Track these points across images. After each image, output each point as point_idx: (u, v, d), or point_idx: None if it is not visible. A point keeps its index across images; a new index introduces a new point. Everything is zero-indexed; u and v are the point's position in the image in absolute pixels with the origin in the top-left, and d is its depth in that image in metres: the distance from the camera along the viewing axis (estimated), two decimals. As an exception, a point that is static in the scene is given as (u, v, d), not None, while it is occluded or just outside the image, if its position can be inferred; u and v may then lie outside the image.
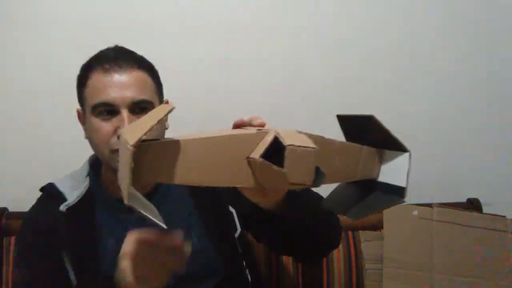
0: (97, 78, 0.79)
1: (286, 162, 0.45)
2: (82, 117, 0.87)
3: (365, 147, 0.59)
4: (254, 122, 0.57)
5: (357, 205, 0.60)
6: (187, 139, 0.47)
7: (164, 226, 0.46)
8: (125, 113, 0.77)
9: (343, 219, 1.29)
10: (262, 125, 0.56)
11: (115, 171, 0.77)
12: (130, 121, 0.76)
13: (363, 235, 1.26)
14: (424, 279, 1.19)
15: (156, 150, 0.45)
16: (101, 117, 0.79)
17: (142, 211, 0.44)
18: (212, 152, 0.47)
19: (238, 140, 0.49)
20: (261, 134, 0.49)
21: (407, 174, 0.58)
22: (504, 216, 1.25)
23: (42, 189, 0.92)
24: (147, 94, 0.80)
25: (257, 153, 0.47)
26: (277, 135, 0.47)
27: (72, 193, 0.86)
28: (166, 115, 0.47)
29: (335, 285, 1.22)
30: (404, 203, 1.23)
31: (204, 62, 1.31)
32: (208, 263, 0.84)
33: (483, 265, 1.20)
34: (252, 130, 0.51)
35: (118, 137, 0.76)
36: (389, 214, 1.23)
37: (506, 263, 1.21)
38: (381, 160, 0.62)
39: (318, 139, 0.52)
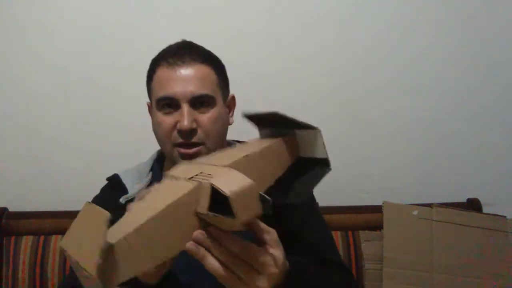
0: (161, 72, 0.81)
1: (235, 210, 0.46)
2: (150, 110, 0.88)
3: (279, 139, 0.67)
4: None
5: (293, 189, 0.67)
6: (136, 228, 0.46)
7: None
8: (185, 107, 0.78)
9: (342, 220, 1.31)
10: None
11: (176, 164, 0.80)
12: (190, 116, 0.77)
13: (363, 235, 1.26)
14: (424, 279, 1.19)
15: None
16: (164, 111, 0.80)
17: None
18: (165, 223, 0.48)
19: (180, 203, 0.49)
20: (196, 188, 0.50)
21: (323, 146, 0.67)
22: (504, 216, 1.25)
23: (107, 179, 0.92)
24: (209, 89, 0.80)
25: (203, 207, 0.49)
26: (214, 186, 0.48)
27: (134, 186, 0.86)
28: (106, 227, 0.45)
29: (335, 285, 1.22)
30: (404, 203, 1.24)
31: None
32: None
33: (483, 265, 1.20)
34: (182, 186, 0.51)
35: (178, 132, 0.78)
36: (389, 214, 1.23)
37: (506, 263, 1.21)
38: (298, 141, 0.70)
39: (244, 160, 0.56)
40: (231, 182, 0.48)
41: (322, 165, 0.67)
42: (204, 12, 1.33)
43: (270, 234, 0.56)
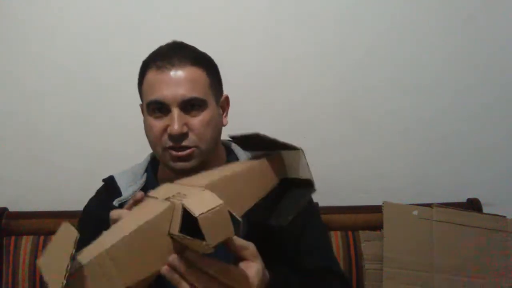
0: (150, 76, 0.79)
1: (204, 232, 0.46)
2: (143, 112, 0.87)
3: (263, 159, 0.66)
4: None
5: (277, 209, 0.66)
6: (108, 248, 0.47)
7: None
8: (175, 111, 0.76)
9: (342, 220, 1.31)
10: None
11: (169, 168, 0.80)
12: (180, 120, 0.76)
13: (363, 235, 1.26)
14: (424, 279, 1.19)
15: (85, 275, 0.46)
16: (154, 115, 0.79)
17: None
18: (137, 244, 0.48)
19: (153, 223, 0.49)
20: (170, 209, 0.50)
21: (307, 167, 0.66)
22: (504, 216, 1.25)
23: (103, 181, 0.91)
24: (199, 92, 0.78)
25: (175, 228, 0.48)
26: (185, 207, 0.48)
27: (128, 189, 0.85)
28: (74, 247, 0.45)
29: (335, 285, 1.22)
30: (404, 203, 1.24)
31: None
32: None
33: (483, 265, 1.20)
34: (157, 206, 0.51)
35: (168, 136, 0.77)
36: (389, 214, 1.23)
37: (506, 263, 1.21)
38: (283, 161, 0.69)
39: (222, 181, 0.56)
40: (202, 203, 0.48)
41: (307, 186, 0.66)
42: (204, 12, 1.33)
43: (248, 250, 0.55)
